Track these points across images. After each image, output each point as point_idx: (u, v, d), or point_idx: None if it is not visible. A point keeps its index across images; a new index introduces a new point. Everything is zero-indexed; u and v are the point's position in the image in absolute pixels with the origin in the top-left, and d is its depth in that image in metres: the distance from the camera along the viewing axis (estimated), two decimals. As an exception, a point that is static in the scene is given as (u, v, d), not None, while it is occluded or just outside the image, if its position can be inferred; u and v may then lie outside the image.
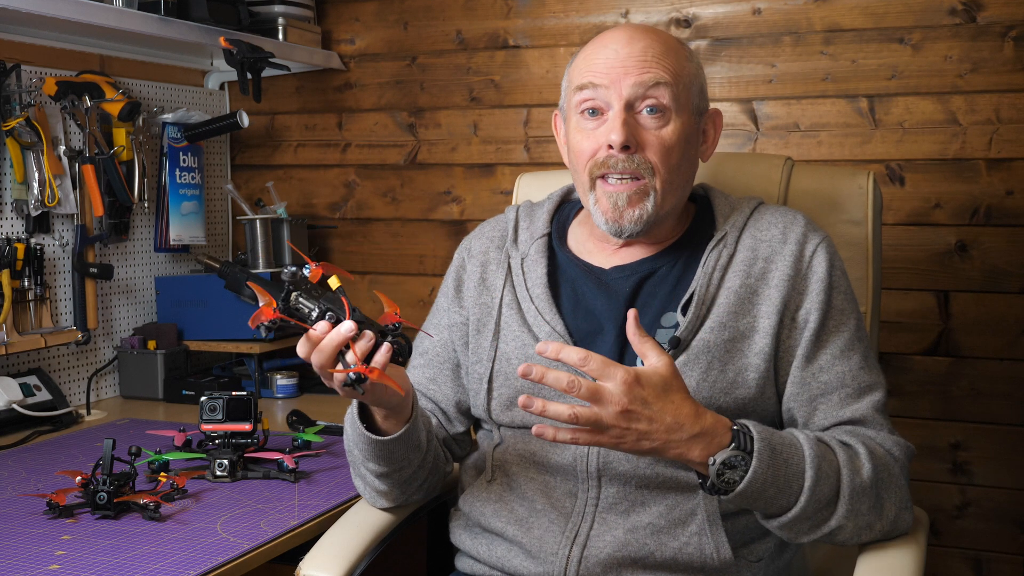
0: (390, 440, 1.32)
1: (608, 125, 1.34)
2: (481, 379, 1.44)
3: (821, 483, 1.22)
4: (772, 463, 1.19)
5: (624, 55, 1.34)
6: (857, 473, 1.25)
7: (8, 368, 2.11)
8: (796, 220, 1.40)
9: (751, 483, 1.18)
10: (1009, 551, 2.15)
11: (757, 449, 1.18)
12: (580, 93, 1.37)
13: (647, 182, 1.34)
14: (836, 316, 1.35)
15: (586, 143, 1.37)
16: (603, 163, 1.35)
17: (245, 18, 2.39)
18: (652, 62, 1.34)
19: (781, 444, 1.21)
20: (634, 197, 1.35)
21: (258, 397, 2.34)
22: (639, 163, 1.34)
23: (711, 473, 1.18)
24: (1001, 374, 2.12)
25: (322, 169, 2.69)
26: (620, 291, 1.40)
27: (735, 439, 1.18)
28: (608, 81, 1.34)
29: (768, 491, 1.20)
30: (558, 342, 1.13)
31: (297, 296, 1.20)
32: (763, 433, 1.20)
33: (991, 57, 2.07)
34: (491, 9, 2.47)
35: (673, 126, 1.35)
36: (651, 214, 1.36)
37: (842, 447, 1.27)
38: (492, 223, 1.58)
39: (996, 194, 2.10)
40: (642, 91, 1.33)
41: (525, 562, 1.33)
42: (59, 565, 1.30)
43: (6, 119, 2.04)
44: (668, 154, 1.35)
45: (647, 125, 1.34)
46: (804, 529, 1.25)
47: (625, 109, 1.33)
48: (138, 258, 2.45)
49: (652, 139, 1.34)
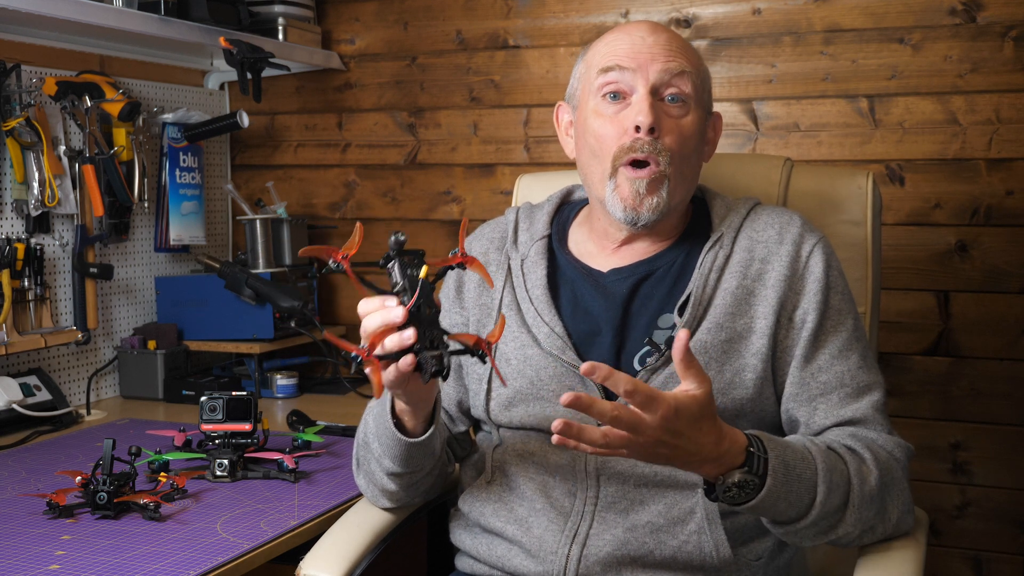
0: (414, 443, 1.32)
1: (634, 107, 1.35)
2: (481, 380, 1.44)
3: (832, 495, 1.22)
4: (786, 479, 1.18)
5: (651, 42, 1.36)
6: (865, 481, 1.25)
7: (8, 368, 2.11)
8: (792, 220, 1.40)
9: (763, 500, 1.17)
10: (1009, 551, 2.15)
11: (772, 468, 1.17)
12: (604, 75, 1.37)
13: (663, 168, 1.34)
14: (834, 316, 1.35)
15: (608, 127, 1.36)
16: (630, 147, 1.34)
17: (245, 18, 2.39)
18: (677, 52, 1.36)
19: (794, 459, 1.20)
20: (652, 185, 1.35)
21: (258, 397, 2.34)
22: (660, 148, 1.34)
23: (719, 490, 1.18)
24: (1001, 374, 2.12)
25: (322, 169, 2.69)
26: (617, 293, 1.40)
27: (748, 462, 1.17)
28: (635, 65, 1.35)
29: (780, 505, 1.20)
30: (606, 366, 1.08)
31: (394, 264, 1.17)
32: (777, 450, 1.19)
33: (991, 57, 2.08)
34: (491, 9, 2.47)
35: (692, 117, 1.37)
36: (666, 203, 1.36)
37: (850, 454, 1.27)
38: (492, 225, 1.58)
39: (996, 194, 2.10)
40: (668, 78, 1.35)
41: (525, 561, 1.33)
42: (59, 565, 1.30)
43: (6, 119, 2.04)
44: (685, 143, 1.36)
45: (669, 112, 1.36)
46: (810, 535, 1.25)
47: (651, 92, 1.34)
48: (138, 258, 2.45)
49: (673, 126, 1.35)
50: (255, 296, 2.33)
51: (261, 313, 2.35)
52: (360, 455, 1.44)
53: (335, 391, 2.40)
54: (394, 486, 1.41)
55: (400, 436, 1.32)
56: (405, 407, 1.31)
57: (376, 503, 1.46)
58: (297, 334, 2.41)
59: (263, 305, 2.34)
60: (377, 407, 1.37)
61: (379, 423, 1.35)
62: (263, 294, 2.32)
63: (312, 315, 2.35)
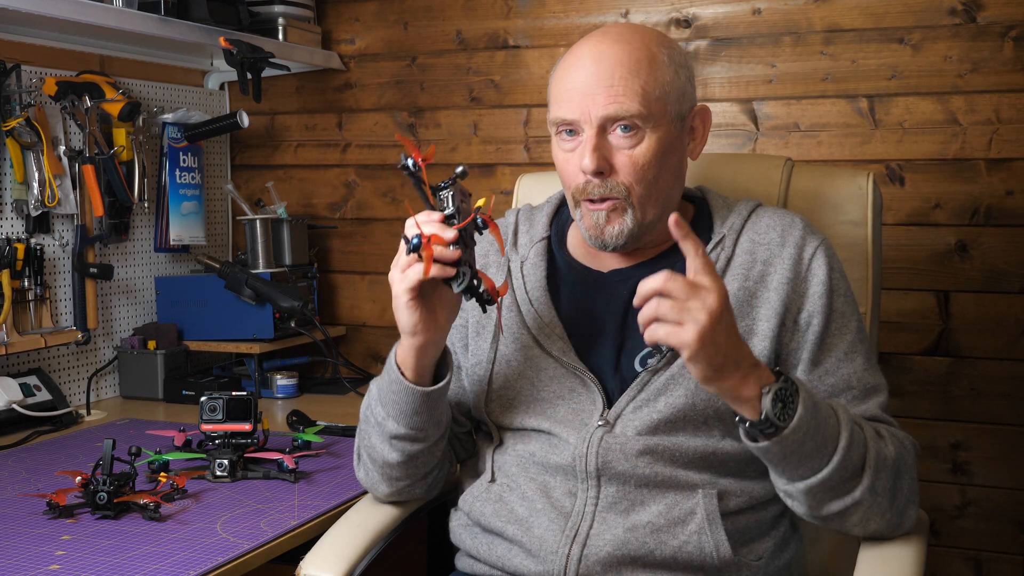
0: (427, 392, 1.32)
1: (580, 151, 1.34)
2: (481, 381, 1.44)
3: (853, 448, 1.23)
4: (815, 414, 1.19)
5: (592, 81, 1.32)
6: (883, 448, 1.27)
7: (8, 368, 2.11)
8: (794, 223, 1.40)
9: (797, 427, 1.17)
10: (1009, 551, 2.15)
11: (802, 396, 1.19)
12: (556, 116, 1.37)
13: (622, 201, 1.34)
14: (838, 319, 1.36)
15: (567, 167, 1.37)
16: (582, 189, 1.35)
17: (245, 18, 2.39)
18: (619, 85, 1.31)
19: (820, 401, 1.22)
20: (612, 216, 1.35)
21: (258, 397, 2.34)
22: (612, 187, 1.34)
23: (765, 404, 1.17)
24: (1001, 374, 2.12)
25: (322, 169, 2.69)
26: (619, 294, 1.40)
27: (780, 377, 1.19)
28: (578, 112, 1.33)
29: (807, 444, 1.19)
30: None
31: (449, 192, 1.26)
32: (804, 386, 1.21)
33: (991, 57, 2.08)
34: (491, 9, 2.47)
35: (647, 143, 1.33)
36: (632, 228, 1.36)
37: (867, 423, 1.29)
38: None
39: (996, 194, 2.10)
40: (613, 113, 1.32)
41: (525, 561, 1.33)
42: (59, 565, 1.30)
43: (6, 119, 2.04)
44: (643, 173, 1.34)
45: (620, 145, 1.33)
46: (827, 498, 1.25)
47: (598, 133, 1.33)
48: (138, 258, 2.45)
49: (624, 160, 1.33)
50: (255, 296, 2.33)
51: (261, 313, 2.35)
52: (361, 433, 1.43)
53: (335, 391, 2.40)
54: (396, 454, 1.38)
55: (412, 385, 1.32)
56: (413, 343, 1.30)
57: (376, 491, 1.45)
58: (297, 334, 2.41)
59: (263, 305, 2.34)
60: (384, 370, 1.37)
61: (385, 379, 1.35)
62: (263, 294, 2.32)
63: (312, 315, 2.36)
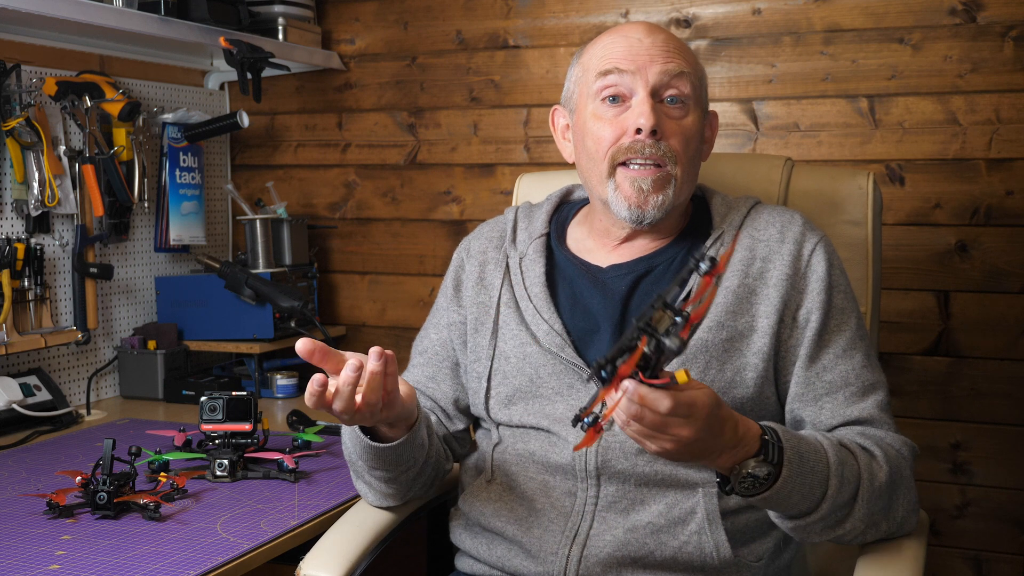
0: (396, 445, 1.32)
1: (635, 110, 1.34)
2: (480, 378, 1.44)
3: (843, 489, 1.22)
4: (800, 470, 1.18)
5: (648, 44, 1.36)
6: (875, 478, 1.25)
7: (8, 368, 2.11)
8: (794, 219, 1.40)
9: (779, 490, 1.17)
10: (1009, 551, 2.15)
11: (787, 458, 1.17)
12: (603, 79, 1.36)
13: (669, 170, 1.35)
14: (837, 316, 1.35)
15: (607, 130, 1.36)
16: (628, 148, 1.34)
17: (245, 18, 2.39)
18: (675, 53, 1.36)
19: (808, 451, 1.20)
20: (657, 183, 1.35)
21: (258, 397, 2.34)
22: (664, 150, 1.34)
23: (734, 480, 1.17)
24: (1001, 374, 2.12)
25: (322, 169, 2.69)
26: (616, 290, 1.40)
27: (763, 450, 1.16)
28: (634, 67, 1.34)
29: (793, 497, 1.19)
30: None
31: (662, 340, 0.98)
32: (791, 441, 1.19)
33: (991, 57, 2.07)
34: (491, 9, 2.47)
35: (692, 117, 1.37)
36: (671, 201, 1.36)
37: (861, 451, 1.27)
38: (491, 224, 1.58)
39: (996, 194, 2.10)
40: (667, 79, 1.35)
41: (525, 561, 1.33)
42: (59, 565, 1.30)
43: (6, 119, 2.04)
44: (688, 143, 1.36)
45: (670, 114, 1.36)
46: (818, 530, 1.25)
47: (651, 96, 1.34)
48: (138, 258, 2.45)
49: (675, 127, 1.35)
50: (255, 296, 2.33)
51: (261, 313, 2.35)
52: (352, 469, 1.44)
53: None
54: (391, 488, 1.41)
55: (378, 445, 1.31)
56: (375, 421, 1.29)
57: (378, 505, 1.46)
58: (297, 334, 2.41)
59: (263, 305, 2.34)
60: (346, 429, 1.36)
61: (354, 442, 1.34)
62: (263, 294, 2.32)
63: (312, 315, 2.36)
